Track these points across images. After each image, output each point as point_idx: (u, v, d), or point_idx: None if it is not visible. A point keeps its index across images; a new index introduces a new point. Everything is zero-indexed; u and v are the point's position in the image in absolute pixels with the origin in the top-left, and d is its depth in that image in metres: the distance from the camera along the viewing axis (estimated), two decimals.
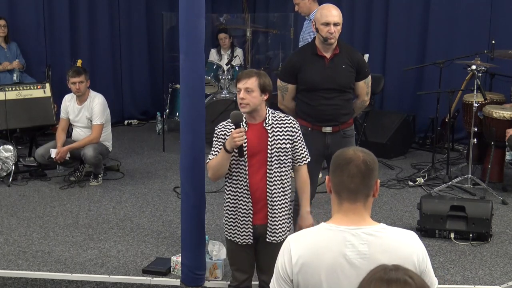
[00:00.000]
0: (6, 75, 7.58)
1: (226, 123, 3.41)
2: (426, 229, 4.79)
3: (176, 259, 4.18)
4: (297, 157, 3.44)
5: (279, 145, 3.35)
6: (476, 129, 5.77)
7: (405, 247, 2.06)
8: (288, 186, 3.47)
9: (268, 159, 3.34)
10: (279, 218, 3.43)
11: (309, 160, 3.50)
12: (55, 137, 6.22)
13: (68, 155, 6.06)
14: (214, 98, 7.37)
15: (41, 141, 6.91)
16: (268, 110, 3.40)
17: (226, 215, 3.49)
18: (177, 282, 4.09)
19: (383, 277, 1.60)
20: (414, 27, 7.86)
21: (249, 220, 3.40)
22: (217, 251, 4.19)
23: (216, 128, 3.42)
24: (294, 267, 2.07)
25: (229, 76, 7.56)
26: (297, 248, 2.08)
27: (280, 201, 3.42)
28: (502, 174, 6.04)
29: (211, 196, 5.67)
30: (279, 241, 3.39)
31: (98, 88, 7.23)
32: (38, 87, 6.79)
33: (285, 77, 4.16)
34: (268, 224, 3.41)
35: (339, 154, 2.14)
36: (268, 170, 3.34)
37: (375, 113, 7.33)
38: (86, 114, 6.16)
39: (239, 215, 3.42)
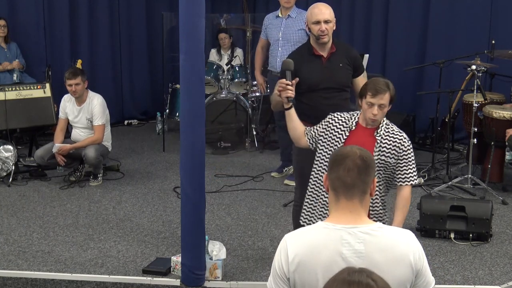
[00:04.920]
0: (6, 75, 7.59)
1: (342, 115, 3.42)
2: (426, 229, 4.79)
3: (176, 259, 4.18)
4: (399, 175, 3.34)
5: (383, 157, 3.28)
6: (476, 129, 5.77)
7: (401, 246, 2.07)
8: (385, 203, 3.40)
9: None
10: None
11: (414, 183, 3.37)
12: (54, 137, 6.23)
13: (64, 159, 6.05)
14: (214, 98, 7.37)
15: (41, 141, 6.91)
16: (384, 121, 3.36)
17: (303, 217, 3.47)
18: (177, 282, 4.09)
19: (346, 279, 1.61)
20: (414, 27, 7.86)
21: None
22: (217, 251, 4.19)
23: (331, 115, 3.45)
24: (290, 266, 2.07)
25: (229, 76, 7.56)
26: (294, 247, 2.08)
27: (381, 215, 3.36)
28: (502, 174, 6.04)
29: (211, 196, 5.68)
30: None
31: (98, 88, 7.25)
32: (38, 87, 6.79)
33: (284, 77, 4.14)
34: None
35: (336, 151, 2.20)
36: None
37: None
38: (85, 115, 6.16)
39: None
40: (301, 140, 3.52)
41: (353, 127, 3.34)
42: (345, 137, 3.34)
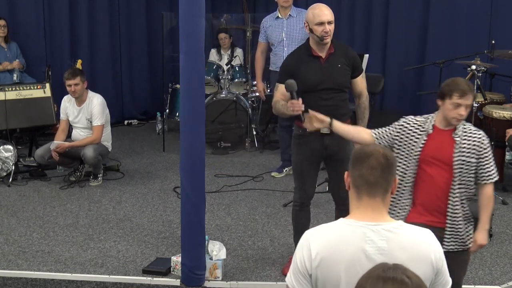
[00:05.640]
0: (6, 75, 7.58)
1: (417, 118, 3.35)
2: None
3: (176, 259, 4.18)
4: (482, 174, 3.29)
5: (464, 157, 3.24)
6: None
7: (423, 245, 2.10)
8: (469, 216, 3.37)
9: (453, 169, 3.24)
10: (459, 227, 3.31)
11: (496, 179, 3.33)
12: (55, 138, 6.23)
13: (57, 156, 6.03)
14: (214, 98, 7.37)
15: (41, 141, 6.91)
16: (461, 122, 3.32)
17: None
18: (177, 282, 4.09)
19: (380, 275, 1.62)
20: (414, 27, 7.86)
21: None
22: (217, 251, 4.19)
23: (405, 119, 3.40)
24: (313, 262, 2.08)
25: (229, 76, 7.56)
26: (317, 243, 2.09)
27: (461, 213, 3.33)
28: (502, 174, 6.03)
29: (211, 196, 5.67)
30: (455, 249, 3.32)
31: (98, 88, 7.25)
32: (38, 87, 6.79)
33: (282, 79, 4.13)
34: (446, 235, 3.29)
35: (360, 149, 2.20)
36: (452, 182, 3.25)
37: (375, 113, 7.30)
38: (85, 115, 6.16)
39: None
40: (364, 138, 3.47)
41: (431, 131, 3.28)
42: (423, 141, 3.27)
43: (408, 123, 3.37)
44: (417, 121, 3.37)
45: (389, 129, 3.42)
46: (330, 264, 2.06)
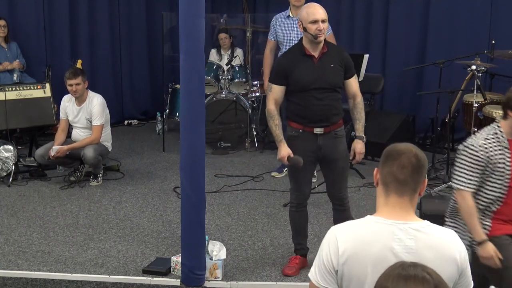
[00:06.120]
0: (6, 75, 7.59)
1: (487, 138, 3.26)
2: None
3: (176, 259, 4.18)
4: None
5: None
6: (476, 129, 5.77)
7: (449, 245, 2.11)
8: None
9: None
10: None
11: None
12: (55, 138, 6.23)
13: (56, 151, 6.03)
14: (214, 98, 7.37)
15: (41, 141, 6.91)
16: None
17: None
18: (177, 282, 4.09)
19: (401, 274, 1.62)
20: (414, 27, 7.86)
21: None
22: (217, 251, 4.19)
23: (472, 145, 3.26)
24: (340, 258, 2.08)
25: (229, 76, 7.56)
26: (344, 239, 2.09)
27: None
28: None
29: (211, 196, 5.67)
30: None
31: (98, 88, 7.25)
32: (38, 87, 6.79)
33: (275, 79, 4.12)
34: None
35: (392, 146, 2.19)
36: None
37: (375, 113, 7.32)
38: (85, 115, 6.16)
39: None
40: (471, 203, 3.36)
41: (507, 145, 3.25)
42: (508, 159, 3.23)
43: (484, 147, 3.24)
44: (487, 140, 3.26)
45: (472, 168, 3.27)
46: (357, 261, 2.06)
